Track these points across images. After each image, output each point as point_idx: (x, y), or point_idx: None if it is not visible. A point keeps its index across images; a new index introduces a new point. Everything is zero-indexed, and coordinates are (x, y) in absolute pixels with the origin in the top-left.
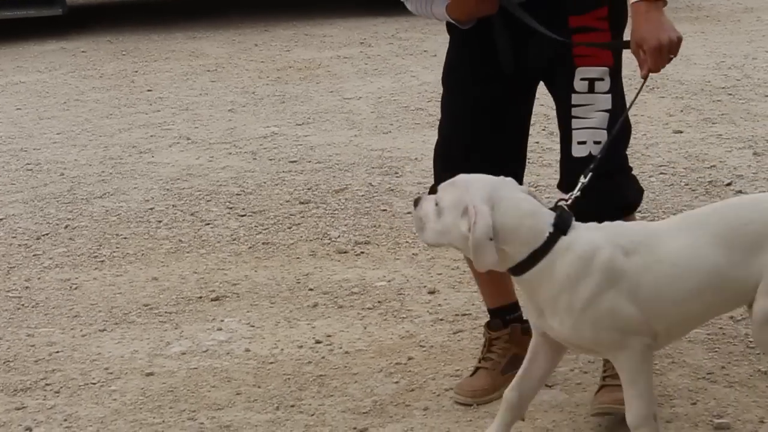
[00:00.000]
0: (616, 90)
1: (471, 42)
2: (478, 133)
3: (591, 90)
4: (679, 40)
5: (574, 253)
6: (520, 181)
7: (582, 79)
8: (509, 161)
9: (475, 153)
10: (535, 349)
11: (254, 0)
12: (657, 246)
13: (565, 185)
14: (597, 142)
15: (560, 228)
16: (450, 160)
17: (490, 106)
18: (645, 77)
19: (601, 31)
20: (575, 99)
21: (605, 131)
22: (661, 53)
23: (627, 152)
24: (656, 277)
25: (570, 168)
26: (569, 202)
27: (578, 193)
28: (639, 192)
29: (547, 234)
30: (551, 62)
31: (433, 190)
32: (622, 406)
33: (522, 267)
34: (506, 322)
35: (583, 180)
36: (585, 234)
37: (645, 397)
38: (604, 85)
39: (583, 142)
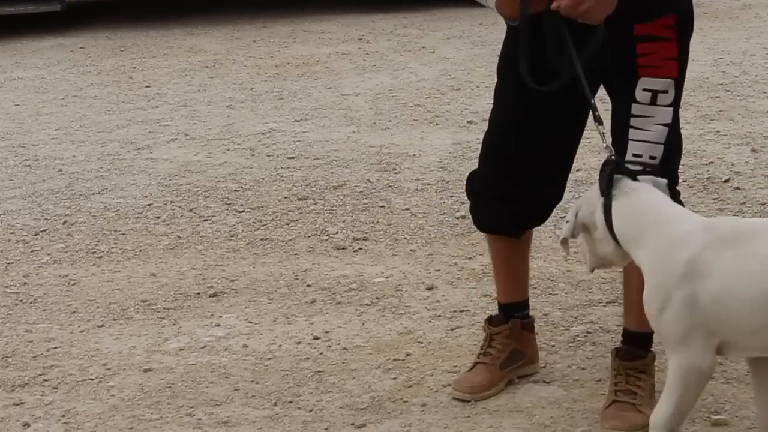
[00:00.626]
0: (678, 104)
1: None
2: (529, 134)
3: (653, 102)
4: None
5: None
6: (562, 187)
7: (645, 90)
8: (557, 166)
9: (525, 155)
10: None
11: None
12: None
13: None
14: (652, 158)
15: None
16: (497, 157)
17: (542, 110)
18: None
19: (667, 40)
20: (635, 109)
21: (662, 146)
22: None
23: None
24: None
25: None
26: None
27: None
28: None
29: None
30: (611, 68)
31: (479, 183)
32: None
33: None
34: (508, 317)
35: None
36: None
37: (672, 411)
38: (668, 97)
39: (639, 155)
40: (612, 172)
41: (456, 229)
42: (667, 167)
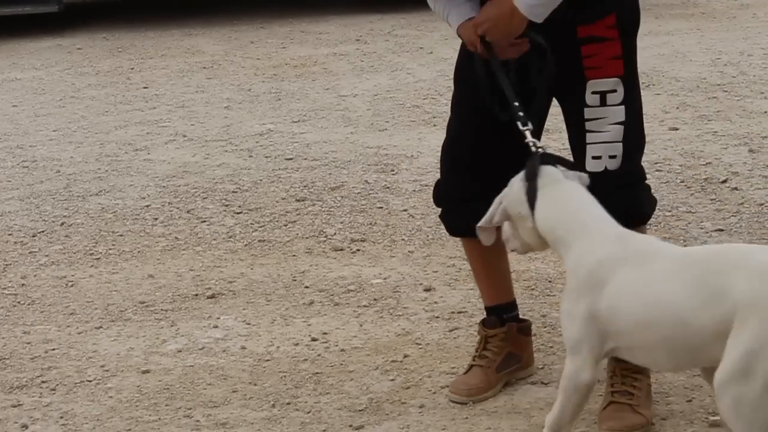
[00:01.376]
0: (630, 100)
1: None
2: (483, 135)
3: (603, 103)
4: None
5: None
6: None
7: (593, 93)
8: (516, 166)
9: (481, 155)
10: None
11: None
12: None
13: None
14: (612, 156)
15: None
16: (456, 161)
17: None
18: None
19: (610, 40)
20: (588, 113)
21: (621, 144)
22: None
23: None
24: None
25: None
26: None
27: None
28: (653, 203)
29: None
30: (559, 75)
31: (443, 189)
32: None
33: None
34: (503, 320)
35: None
36: None
37: (557, 415)
38: (617, 96)
39: (598, 157)
40: (536, 163)
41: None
42: (630, 167)
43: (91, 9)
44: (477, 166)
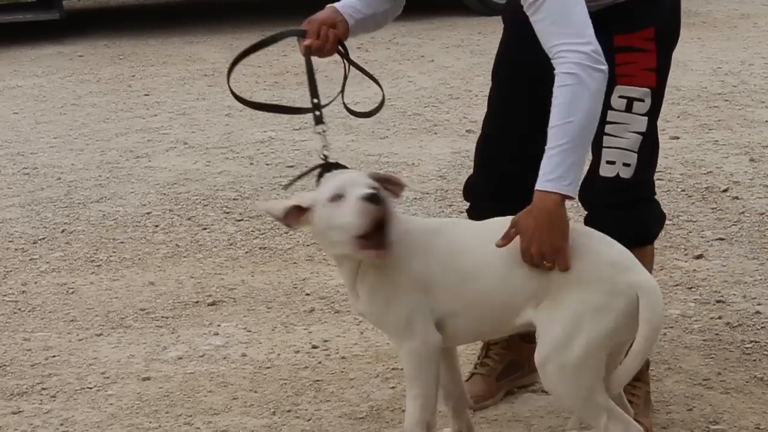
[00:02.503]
0: (654, 115)
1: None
2: (516, 135)
3: (629, 109)
4: (554, 251)
5: None
6: None
7: (620, 97)
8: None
9: (513, 155)
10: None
11: (251, 5)
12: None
13: (587, 203)
14: (626, 165)
15: None
16: (489, 158)
17: (534, 111)
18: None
19: (646, 51)
20: (610, 116)
21: (636, 154)
22: (530, 258)
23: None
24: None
25: (595, 186)
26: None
27: None
28: (661, 219)
29: None
30: None
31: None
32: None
33: None
34: None
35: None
36: None
37: (419, 406)
38: (644, 106)
39: (612, 162)
40: (323, 171)
41: None
42: (642, 178)
43: (93, 16)
44: (510, 166)
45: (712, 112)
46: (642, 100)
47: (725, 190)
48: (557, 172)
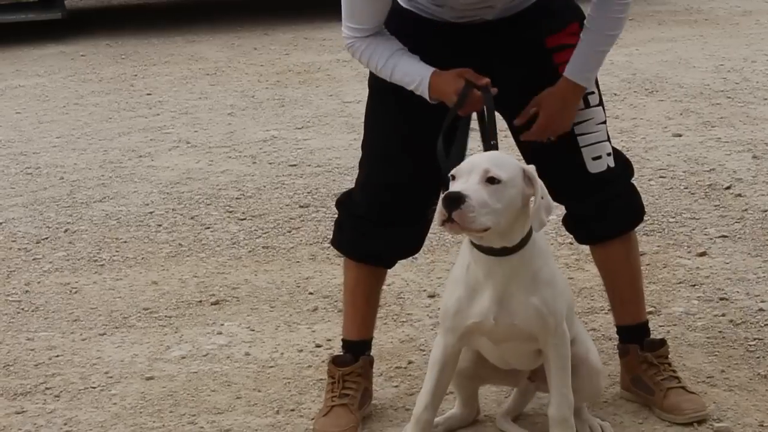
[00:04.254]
0: (601, 100)
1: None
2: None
3: (587, 105)
4: (565, 129)
5: (541, 230)
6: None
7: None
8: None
9: (416, 177)
10: (446, 360)
11: (253, 4)
12: None
13: (585, 206)
14: (608, 154)
15: None
16: (385, 182)
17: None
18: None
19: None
20: (576, 118)
21: (608, 142)
22: (544, 132)
23: (627, 156)
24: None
25: (590, 186)
26: None
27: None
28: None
29: None
30: (536, 87)
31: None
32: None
33: (527, 238)
34: (357, 356)
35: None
36: None
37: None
38: (595, 97)
39: (598, 157)
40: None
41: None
42: (623, 159)
43: (95, 16)
44: (411, 190)
45: (715, 109)
46: (592, 92)
47: (728, 188)
48: (590, 70)
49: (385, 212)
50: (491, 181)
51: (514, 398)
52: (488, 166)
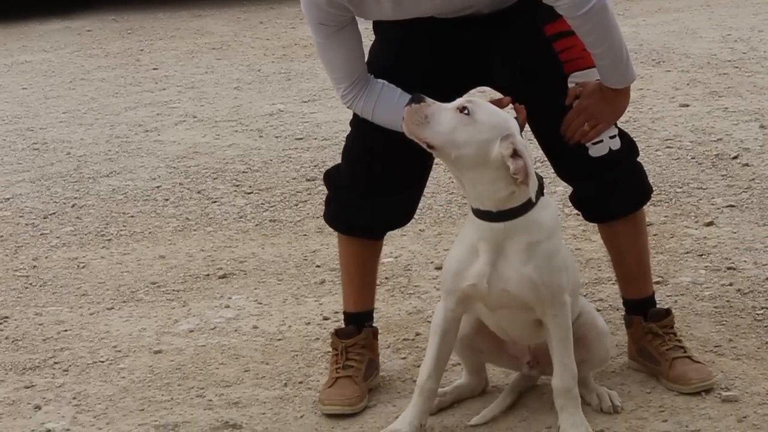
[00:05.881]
0: None
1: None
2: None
3: None
4: (608, 124)
5: (553, 208)
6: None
7: (577, 84)
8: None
9: (401, 147)
10: (446, 326)
11: None
12: None
13: (588, 187)
14: (612, 137)
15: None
16: (368, 150)
17: None
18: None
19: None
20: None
21: (613, 125)
22: (582, 116)
23: (633, 127)
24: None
25: (592, 169)
26: None
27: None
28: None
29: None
30: (536, 74)
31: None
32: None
33: (519, 210)
34: (360, 328)
35: None
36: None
37: (571, 363)
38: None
39: (600, 141)
40: None
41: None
42: (628, 140)
43: None
44: (395, 161)
45: (722, 79)
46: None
47: (735, 157)
48: (614, 74)
49: (370, 181)
50: (462, 110)
51: (513, 383)
52: (472, 100)
